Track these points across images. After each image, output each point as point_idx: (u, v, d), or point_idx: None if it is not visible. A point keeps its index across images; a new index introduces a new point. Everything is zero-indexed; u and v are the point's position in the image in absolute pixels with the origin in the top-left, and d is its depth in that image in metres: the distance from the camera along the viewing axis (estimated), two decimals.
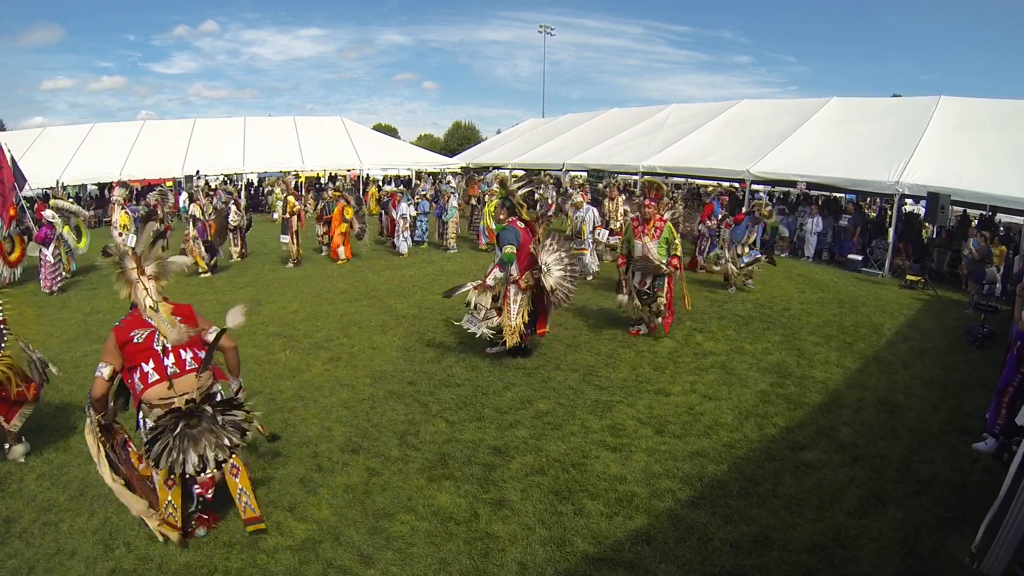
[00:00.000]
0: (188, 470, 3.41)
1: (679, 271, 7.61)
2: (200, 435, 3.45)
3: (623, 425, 5.27)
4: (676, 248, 7.46)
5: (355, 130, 29.01)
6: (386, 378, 6.34)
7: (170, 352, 3.54)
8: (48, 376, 5.00)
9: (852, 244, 14.46)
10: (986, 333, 7.78)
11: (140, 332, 3.54)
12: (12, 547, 3.74)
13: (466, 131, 60.68)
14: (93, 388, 3.54)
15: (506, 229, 6.63)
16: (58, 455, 4.80)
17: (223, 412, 3.57)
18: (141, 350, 3.51)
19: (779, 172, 15.19)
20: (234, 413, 3.61)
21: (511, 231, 6.60)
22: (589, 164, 21.57)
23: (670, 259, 7.41)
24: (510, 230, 6.61)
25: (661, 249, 7.43)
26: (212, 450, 3.45)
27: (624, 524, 3.90)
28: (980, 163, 12.35)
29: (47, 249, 10.45)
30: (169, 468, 3.40)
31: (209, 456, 3.44)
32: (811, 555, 3.60)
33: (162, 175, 22.70)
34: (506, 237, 6.56)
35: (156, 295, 3.59)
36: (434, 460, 4.69)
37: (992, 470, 4.41)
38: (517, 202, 6.73)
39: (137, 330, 3.54)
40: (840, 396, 5.98)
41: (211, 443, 3.46)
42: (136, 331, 3.54)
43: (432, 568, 3.50)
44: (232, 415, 3.60)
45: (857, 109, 16.96)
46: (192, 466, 3.40)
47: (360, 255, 13.66)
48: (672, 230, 7.46)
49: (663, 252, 7.43)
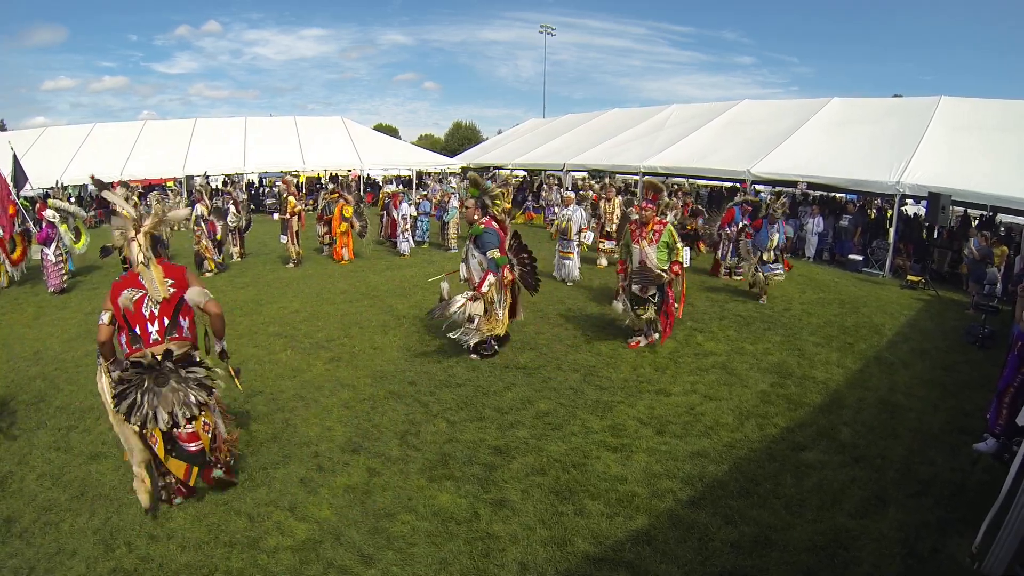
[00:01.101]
0: (160, 426, 3.66)
1: (680, 277, 7.12)
2: (166, 392, 3.69)
3: (624, 425, 5.28)
4: (678, 253, 6.93)
5: (356, 130, 28.98)
6: (387, 378, 6.34)
7: (156, 319, 3.74)
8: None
9: (853, 244, 14.46)
10: (987, 333, 7.78)
11: (133, 292, 3.73)
12: (13, 547, 3.75)
13: (467, 131, 60.70)
14: (98, 334, 3.82)
15: (487, 232, 6.57)
16: (59, 455, 4.80)
17: (185, 368, 3.75)
18: (131, 313, 3.71)
19: (780, 172, 15.18)
20: (195, 370, 3.78)
21: (493, 234, 6.58)
22: (590, 164, 21.56)
23: (671, 265, 6.93)
24: (492, 232, 6.58)
25: (661, 254, 6.94)
26: (180, 407, 3.70)
27: (625, 524, 3.90)
28: (981, 163, 12.34)
29: (48, 249, 10.46)
30: (141, 423, 3.65)
31: (177, 413, 3.69)
32: (811, 555, 3.60)
33: (163, 175, 22.69)
34: (490, 240, 6.53)
35: (148, 252, 3.81)
36: (435, 460, 4.69)
37: (993, 470, 4.41)
38: (490, 201, 6.73)
39: (129, 288, 3.74)
40: (841, 396, 5.98)
41: (178, 400, 3.70)
42: (129, 289, 3.73)
43: (433, 568, 3.51)
44: (194, 371, 3.78)
45: (858, 109, 16.95)
46: (163, 422, 3.65)
47: (362, 255, 13.68)
48: (673, 234, 6.97)
49: (663, 258, 6.95)
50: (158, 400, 3.66)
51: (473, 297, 6.45)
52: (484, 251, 6.54)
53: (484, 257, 6.55)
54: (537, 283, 7.22)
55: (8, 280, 10.98)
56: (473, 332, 6.65)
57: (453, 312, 6.40)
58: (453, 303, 6.44)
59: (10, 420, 5.45)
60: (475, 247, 6.68)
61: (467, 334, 6.67)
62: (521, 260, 7.07)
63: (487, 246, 6.51)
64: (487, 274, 6.51)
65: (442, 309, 6.48)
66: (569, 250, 10.97)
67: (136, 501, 4.08)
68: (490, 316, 6.64)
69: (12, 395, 6.01)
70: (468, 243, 6.84)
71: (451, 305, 6.43)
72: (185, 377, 3.76)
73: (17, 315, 9.19)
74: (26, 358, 7.12)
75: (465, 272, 6.89)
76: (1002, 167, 11.95)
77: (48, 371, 6.64)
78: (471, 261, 6.75)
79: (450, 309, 6.42)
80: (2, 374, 6.62)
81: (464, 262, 6.91)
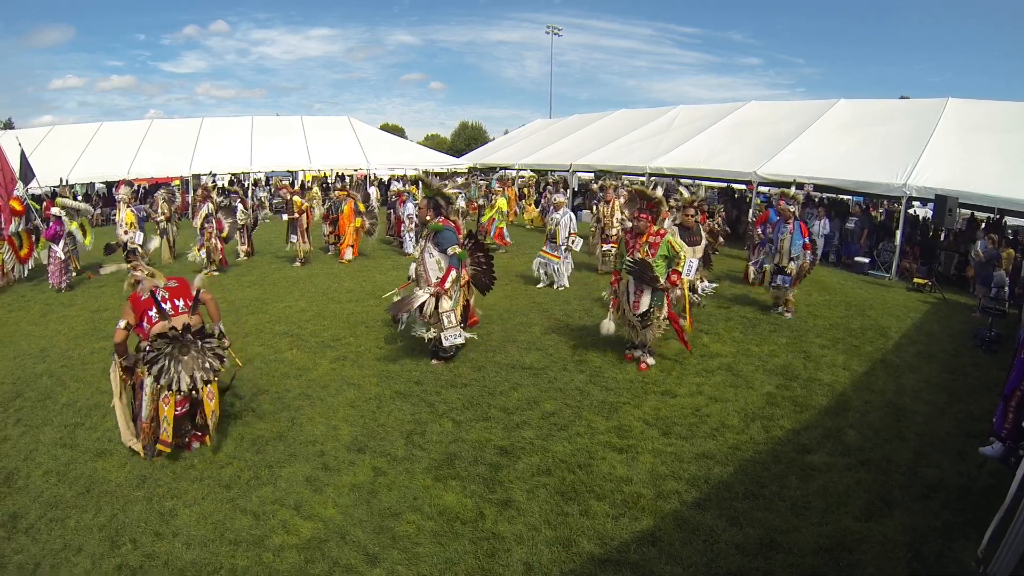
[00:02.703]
0: (182, 387, 4.41)
1: (678, 288, 6.66)
2: (189, 359, 4.49)
3: (629, 426, 5.27)
4: (679, 263, 6.45)
5: (362, 130, 29.02)
6: (393, 377, 6.35)
7: (167, 300, 4.65)
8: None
9: (859, 247, 14.41)
10: (994, 337, 7.73)
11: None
12: (18, 543, 3.77)
13: (473, 131, 60.68)
14: (115, 336, 4.56)
15: (446, 229, 6.50)
16: (65, 451, 4.83)
17: (202, 340, 4.60)
18: (148, 304, 4.62)
19: (786, 174, 15.10)
20: (209, 341, 4.64)
21: (451, 231, 6.52)
22: (596, 165, 21.52)
23: (669, 274, 6.48)
24: (450, 230, 6.52)
25: (659, 268, 6.45)
26: (199, 371, 4.50)
27: (630, 525, 3.90)
28: (988, 165, 12.26)
29: (57, 246, 10.51)
30: (168, 385, 4.39)
31: (197, 377, 4.48)
32: (817, 558, 3.59)
33: (169, 174, 22.75)
34: (449, 237, 6.44)
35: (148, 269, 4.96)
36: (440, 460, 4.70)
37: (999, 474, 4.38)
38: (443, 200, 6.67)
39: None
40: (847, 399, 5.96)
41: (198, 365, 4.51)
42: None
43: (438, 568, 3.51)
44: (209, 343, 4.63)
45: (865, 111, 16.87)
46: (185, 384, 4.42)
47: (367, 254, 13.70)
48: (671, 246, 6.45)
49: (661, 271, 6.46)
50: (182, 365, 4.44)
51: (436, 293, 6.36)
52: (444, 248, 6.41)
53: (443, 255, 6.43)
54: (492, 282, 7.15)
55: (10, 279, 11.02)
56: (460, 335, 6.51)
57: (416, 307, 6.37)
58: (415, 298, 6.39)
59: (16, 417, 5.49)
60: (433, 245, 6.52)
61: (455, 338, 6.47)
62: (476, 260, 7.00)
63: (447, 243, 6.41)
64: (450, 269, 6.37)
65: (403, 306, 6.43)
66: (555, 253, 10.55)
67: (142, 498, 4.15)
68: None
69: (19, 392, 6.05)
70: (424, 242, 6.65)
71: (413, 301, 6.38)
72: (202, 348, 4.57)
73: (24, 313, 9.24)
74: (33, 355, 7.16)
75: (415, 271, 6.73)
76: (1010, 169, 11.87)
77: (54, 368, 6.67)
78: (428, 260, 6.53)
79: (414, 305, 6.37)
80: (9, 371, 6.67)
81: (416, 262, 6.74)
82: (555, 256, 10.56)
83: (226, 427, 5.15)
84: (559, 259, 10.54)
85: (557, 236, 10.53)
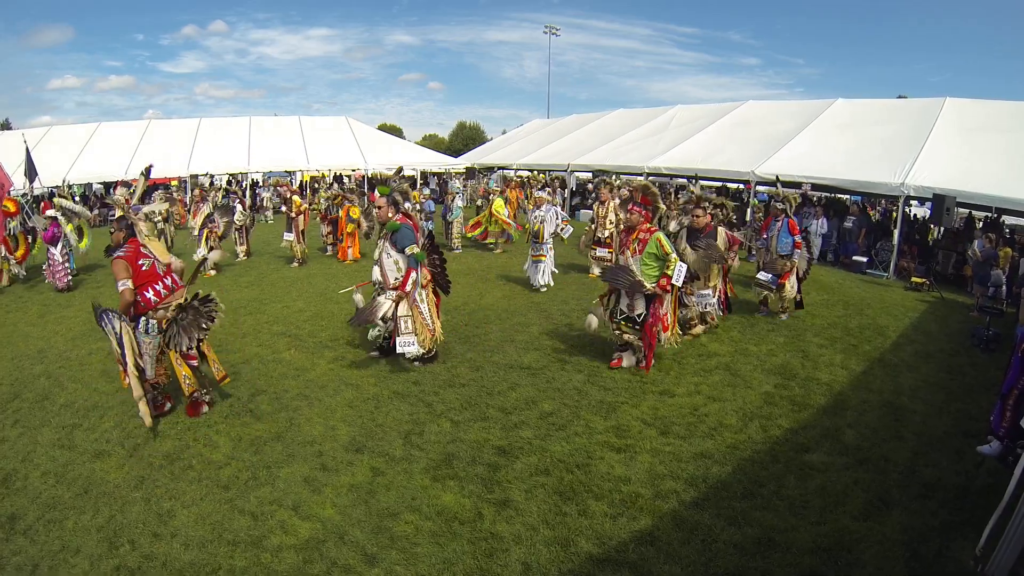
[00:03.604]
0: (183, 347, 5.06)
1: (667, 293, 6.32)
2: (189, 324, 5.03)
3: (627, 426, 5.27)
4: (670, 266, 6.17)
5: (360, 130, 29.02)
6: (391, 378, 6.34)
7: (165, 277, 5.19)
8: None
9: (857, 246, 14.43)
10: (991, 336, 7.74)
11: (145, 261, 5.10)
12: (16, 544, 3.76)
13: (471, 131, 60.71)
14: (124, 299, 4.93)
15: (404, 228, 6.31)
16: (63, 452, 4.82)
17: (201, 304, 5.16)
18: (149, 275, 5.09)
19: (784, 173, 15.09)
20: (209, 304, 5.19)
21: (409, 229, 6.33)
22: (594, 165, 21.54)
23: (659, 280, 6.22)
24: (408, 228, 6.34)
25: (647, 268, 6.26)
26: (197, 332, 5.06)
27: (628, 525, 3.90)
28: (986, 165, 12.29)
29: (55, 248, 10.49)
30: (175, 347, 5.03)
31: (195, 336, 5.06)
32: (815, 557, 3.59)
33: (167, 174, 22.72)
34: (408, 236, 6.26)
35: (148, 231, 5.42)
36: (438, 460, 4.69)
37: (996, 473, 4.39)
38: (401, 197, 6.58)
39: (142, 259, 5.08)
40: (845, 398, 5.97)
41: (196, 327, 5.06)
42: (142, 259, 5.08)
43: (436, 568, 3.51)
44: (207, 306, 5.18)
45: (863, 111, 16.90)
46: (184, 345, 5.04)
47: (367, 255, 13.68)
48: (660, 244, 6.23)
49: (652, 271, 6.26)
50: (183, 331, 4.99)
51: (398, 298, 6.23)
52: (402, 248, 6.25)
53: (401, 256, 6.28)
54: (448, 284, 6.89)
55: (10, 279, 11.02)
56: (413, 343, 6.29)
57: (380, 315, 6.23)
58: (379, 307, 6.24)
59: (14, 418, 5.48)
60: (390, 245, 6.37)
61: (408, 346, 6.26)
62: (432, 261, 6.77)
63: (404, 242, 6.24)
64: (409, 271, 6.22)
65: (366, 316, 6.32)
66: (541, 253, 10.36)
67: (140, 499, 4.14)
68: (423, 323, 6.40)
69: (17, 393, 6.04)
70: (382, 243, 6.52)
71: (378, 309, 6.25)
72: (201, 311, 5.11)
73: (22, 313, 9.23)
74: (30, 356, 7.14)
75: (378, 275, 6.52)
76: (1007, 169, 11.90)
77: (52, 369, 6.66)
78: (386, 261, 6.39)
79: (378, 313, 6.24)
80: (7, 372, 6.65)
81: (376, 264, 6.58)
82: (542, 256, 10.37)
83: (225, 428, 5.15)
84: (544, 258, 10.37)
85: (541, 235, 10.36)
